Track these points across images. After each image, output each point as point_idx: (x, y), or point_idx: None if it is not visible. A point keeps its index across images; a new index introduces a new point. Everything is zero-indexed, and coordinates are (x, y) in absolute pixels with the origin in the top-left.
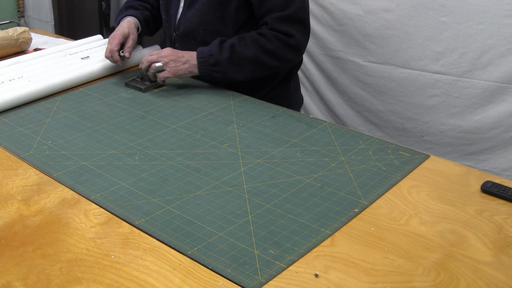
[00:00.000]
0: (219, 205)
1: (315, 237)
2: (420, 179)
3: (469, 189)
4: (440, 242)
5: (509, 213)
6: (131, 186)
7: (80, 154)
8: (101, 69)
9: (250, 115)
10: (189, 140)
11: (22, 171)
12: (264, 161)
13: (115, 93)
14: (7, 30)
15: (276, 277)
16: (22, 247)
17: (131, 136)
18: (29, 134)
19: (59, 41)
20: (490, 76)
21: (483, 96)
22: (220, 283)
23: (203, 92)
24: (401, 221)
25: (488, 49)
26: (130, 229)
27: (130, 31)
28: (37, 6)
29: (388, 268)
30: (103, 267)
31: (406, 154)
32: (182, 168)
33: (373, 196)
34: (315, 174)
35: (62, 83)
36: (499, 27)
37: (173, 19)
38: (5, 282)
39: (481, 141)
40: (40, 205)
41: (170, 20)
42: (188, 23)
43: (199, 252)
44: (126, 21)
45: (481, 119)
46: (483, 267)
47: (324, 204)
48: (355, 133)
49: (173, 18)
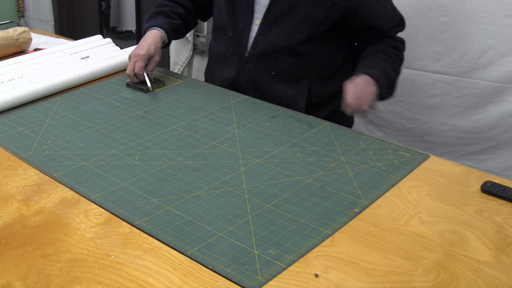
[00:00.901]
0: (219, 205)
1: (315, 237)
2: (420, 179)
3: (469, 189)
4: (440, 242)
5: (509, 213)
6: (131, 186)
7: (80, 154)
8: (101, 69)
9: (250, 115)
10: (189, 140)
11: (22, 171)
12: (264, 161)
13: (115, 93)
14: (7, 30)
15: (276, 277)
16: (22, 247)
17: (131, 136)
18: (29, 134)
19: (59, 41)
20: (490, 76)
21: (483, 96)
22: (220, 283)
23: (203, 92)
24: (401, 221)
25: (488, 49)
26: (130, 229)
27: (155, 52)
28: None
29: (388, 268)
30: (103, 267)
31: (406, 154)
32: (182, 168)
33: (373, 196)
34: (315, 174)
35: (62, 83)
36: (499, 27)
37: (245, 37)
38: (5, 282)
39: (481, 141)
40: (40, 205)
41: (239, 38)
42: (270, 44)
43: (199, 252)
44: (153, 35)
45: (481, 119)
46: (483, 267)
47: (324, 204)
48: (355, 133)
49: (244, 35)
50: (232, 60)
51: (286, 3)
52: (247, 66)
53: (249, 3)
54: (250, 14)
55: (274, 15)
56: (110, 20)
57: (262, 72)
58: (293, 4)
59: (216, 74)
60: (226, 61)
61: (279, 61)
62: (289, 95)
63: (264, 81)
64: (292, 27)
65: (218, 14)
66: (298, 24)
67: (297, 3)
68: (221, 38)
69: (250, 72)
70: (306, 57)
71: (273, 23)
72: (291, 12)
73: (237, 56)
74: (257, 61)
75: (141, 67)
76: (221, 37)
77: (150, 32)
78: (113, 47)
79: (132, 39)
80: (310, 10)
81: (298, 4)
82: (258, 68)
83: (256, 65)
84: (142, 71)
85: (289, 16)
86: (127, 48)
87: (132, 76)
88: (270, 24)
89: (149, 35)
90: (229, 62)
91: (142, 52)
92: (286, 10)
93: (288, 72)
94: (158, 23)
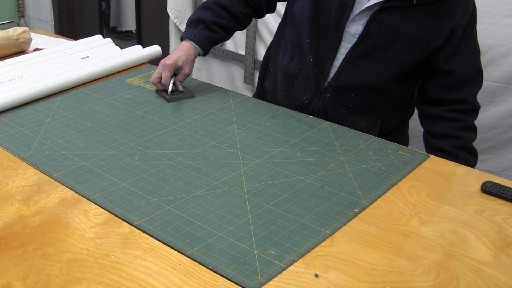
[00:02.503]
0: (219, 205)
1: (315, 237)
2: (420, 179)
3: (469, 189)
4: (440, 242)
5: (509, 213)
6: (131, 186)
7: (80, 154)
8: (101, 69)
9: (250, 115)
10: (189, 140)
11: (22, 171)
12: (264, 161)
13: (115, 93)
14: (7, 30)
15: (276, 277)
16: (22, 247)
17: (131, 136)
18: (29, 134)
19: (59, 41)
20: (490, 76)
21: (483, 96)
22: (220, 283)
23: (203, 92)
24: (401, 221)
25: (488, 49)
26: (130, 229)
27: (184, 64)
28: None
29: (388, 268)
30: (103, 267)
31: (406, 154)
32: (182, 168)
33: (373, 196)
34: (315, 174)
35: (62, 83)
36: (499, 27)
37: (327, 66)
38: (5, 282)
39: (481, 141)
40: (40, 205)
41: (320, 65)
42: (354, 79)
43: (199, 252)
44: (186, 48)
45: (481, 119)
46: (483, 267)
47: (324, 204)
48: (355, 133)
49: (327, 64)
50: (306, 85)
51: (378, 38)
52: (324, 95)
53: (337, 30)
54: (336, 42)
55: (363, 49)
56: (110, 20)
57: (338, 103)
58: (385, 41)
59: (281, 92)
60: (298, 83)
61: (359, 96)
62: (362, 127)
63: (338, 112)
64: (381, 65)
65: (295, 34)
66: (387, 63)
67: (390, 41)
68: (297, 59)
69: (325, 102)
70: (387, 93)
71: (361, 56)
72: (382, 49)
73: (314, 83)
74: (336, 92)
75: (166, 77)
76: (296, 57)
77: (184, 43)
78: (113, 47)
79: (132, 39)
80: (402, 50)
81: (391, 42)
82: (335, 100)
83: (334, 96)
84: (167, 80)
85: (379, 53)
86: (127, 48)
87: (156, 84)
88: (358, 57)
89: (182, 47)
90: (302, 86)
91: (169, 62)
92: (377, 46)
93: (365, 106)
94: (196, 35)
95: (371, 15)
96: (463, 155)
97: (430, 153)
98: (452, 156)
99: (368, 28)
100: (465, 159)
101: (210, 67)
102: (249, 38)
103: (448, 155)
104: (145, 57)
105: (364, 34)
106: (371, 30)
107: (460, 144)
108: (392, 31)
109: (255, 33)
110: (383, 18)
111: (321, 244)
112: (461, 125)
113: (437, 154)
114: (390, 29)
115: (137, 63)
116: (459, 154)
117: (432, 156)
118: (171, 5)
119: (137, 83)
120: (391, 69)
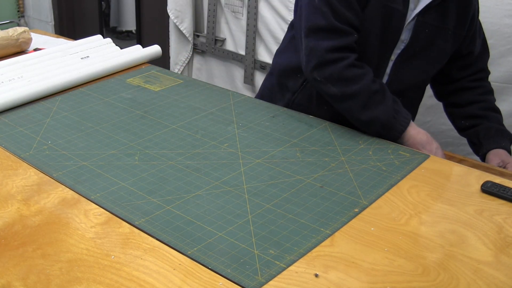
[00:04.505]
0: (219, 205)
1: (315, 237)
2: (420, 179)
3: (469, 189)
4: (440, 242)
5: (509, 213)
6: (131, 186)
7: (80, 154)
8: (101, 69)
9: (250, 115)
10: (189, 140)
11: (22, 171)
12: (264, 161)
13: (115, 93)
14: (7, 30)
15: (276, 277)
16: (22, 247)
17: (131, 136)
18: (29, 134)
19: (59, 41)
20: (490, 76)
21: None
22: (220, 283)
23: (203, 92)
24: (401, 221)
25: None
26: (130, 229)
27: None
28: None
29: (388, 268)
30: (103, 267)
31: (406, 154)
32: (182, 168)
33: (373, 196)
34: (315, 174)
35: (62, 83)
36: (499, 27)
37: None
38: (5, 282)
39: None
40: (40, 205)
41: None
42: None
43: (199, 252)
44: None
45: None
46: (483, 267)
47: (324, 204)
48: (355, 133)
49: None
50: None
51: (423, 39)
52: None
53: (394, 39)
54: (390, 50)
55: (411, 52)
56: (110, 20)
57: None
58: (428, 40)
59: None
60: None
61: (406, 97)
62: None
63: None
64: (426, 64)
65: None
66: (432, 60)
67: (433, 39)
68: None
69: None
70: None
71: (408, 59)
72: (426, 49)
73: None
74: None
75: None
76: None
77: (414, 129)
78: (113, 47)
79: (132, 39)
80: (442, 45)
81: (432, 40)
82: None
83: None
84: None
85: (424, 53)
86: (127, 48)
87: None
88: (405, 60)
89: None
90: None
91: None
92: (423, 47)
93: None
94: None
95: (417, 18)
96: (491, 114)
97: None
98: (482, 118)
99: (415, 32)
100: (494, 117)
101: (210, 67)
102: (249, 38)
103: (478, 118)
104: (145, 57)
105: (413, 37)
106: (417, 32)
107: (487, 106)
108: (432, 29)
109: (255, 33)
110: (424, 19)
111: (321, 244)
112: (483, 90)
113: (466, 120)
114: (431, 28)
115: (137, 63)
116: (488, 114)
117: (432, 156)
118: (171, 5)
119: (137, 83)
120: (434, 67)
